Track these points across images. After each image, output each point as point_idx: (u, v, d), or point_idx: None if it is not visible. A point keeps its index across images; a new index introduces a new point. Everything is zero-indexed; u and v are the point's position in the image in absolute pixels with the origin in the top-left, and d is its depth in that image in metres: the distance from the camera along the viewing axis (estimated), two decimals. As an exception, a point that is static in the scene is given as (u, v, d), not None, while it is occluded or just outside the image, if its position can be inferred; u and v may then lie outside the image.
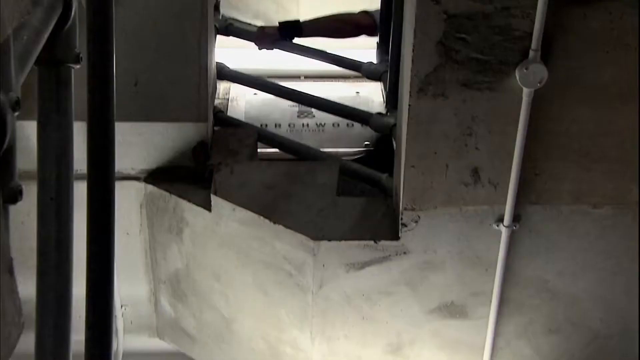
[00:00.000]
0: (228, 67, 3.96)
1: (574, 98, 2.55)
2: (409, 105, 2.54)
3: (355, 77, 4.54)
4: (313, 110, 4.20)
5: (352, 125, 4.12)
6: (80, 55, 1.51)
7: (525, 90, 2.49)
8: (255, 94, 4.33)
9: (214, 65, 3.59)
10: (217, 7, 4.13)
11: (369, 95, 4.54)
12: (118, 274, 2.32)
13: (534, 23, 2.41)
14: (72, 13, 1.44)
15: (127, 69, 2.88)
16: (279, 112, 4.27)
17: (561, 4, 2.40)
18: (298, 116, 4.25)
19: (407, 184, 2.67)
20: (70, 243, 1.63)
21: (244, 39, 4.34)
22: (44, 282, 1.57)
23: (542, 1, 2.37)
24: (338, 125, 4.17)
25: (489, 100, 2.53)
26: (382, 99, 4.26)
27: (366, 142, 4.03)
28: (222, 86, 4.27)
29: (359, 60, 4.13)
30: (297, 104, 4.18)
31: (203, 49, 3.10)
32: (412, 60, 2.47)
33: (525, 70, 2.46)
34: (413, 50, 2.46)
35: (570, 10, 2.42)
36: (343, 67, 4.15)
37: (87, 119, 2.08)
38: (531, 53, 2.44)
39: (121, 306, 3.59)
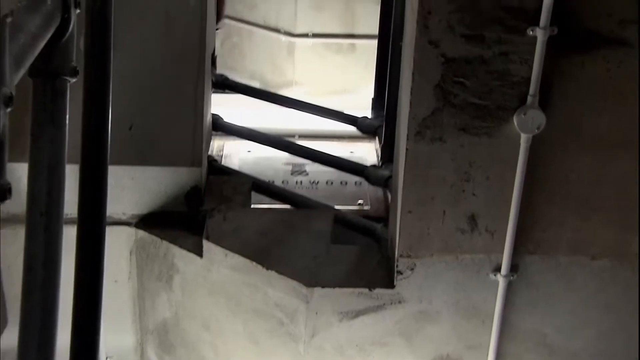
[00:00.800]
0: (223, 119, 3.95)
1: (573, 145, 2.53)
2: (407, 149, 2.52)
3: (349, 137, 4.55)
4: (306, 168, 4.20)
5: (346, 183, 4.10)
6: (77, 68, 1.49)
7: (523, 136, 2.47)
8: (249, 151, 4.32)
9: (209, 114, 3.58)
10: (214, 62, 4.15)
11: (363, 155, 4.53)
12: (104, 323, 2.25)
13: (532, 69, 2.41)
14: (71, 25, 1.42)
15: (122, 112, 2.86)
16: (272, 169, 4.25)
17: (559, 51, 2.40)
18: (291, 173, 4.23)
19: (403, 230, 2.63)
20: (59, 260, 1.58)
21: (239, 92, 4.36)
22: (29, 300, 1.50)
23: (540, 47, 2.38)
24: (331, 183, 4.14)
25: (487, 146, 2.51)
26: (375, 159, 4.26)
27: (359, 201, 4.00)
28: (216, 143, 4.26)
29: (354, 115, 4.14)
30: (290, 163, 4.18)
31: (199, 94, 3.09)
32: (410, 104, 2.46)
33: (523, 116, 2.45)
34: (411, 93, 2.45)
35: (568, 57, 2.42)
36: (339, 120, 4.15)
37: (79, 162, 2.06)
38: (529, 99, 2.44)
39: (106, 358, 3.48)
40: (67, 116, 1.47)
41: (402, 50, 2.75)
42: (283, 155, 4.17)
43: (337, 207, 3.93)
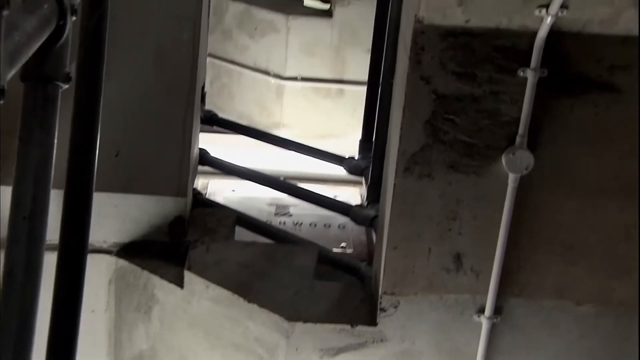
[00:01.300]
0: (209, 154, 3.94)
1: (560, 188, 2.54)
2: (395, 184, 2.51)
3: (334, 180, 4.55)
4: (290, 209, 4.19)
5: (329, 226, 4.09)
6: (70, 74, 1.48)
7: (511, 176, 2.48)
8: (233, 190, 4.31)
9: (197, 146, 3.57)
10: (203, 98, 4.16)
11: (347, 198, 4.52)
12: (79, 354, 2.21)
13: (521, 110, 2.42)
14: (66, 32, 1.42)
15: (109, 139, 2.83)
16: (255, 209, 4.23)
17: (549, 93, 2.42)
18: (275, 214, 4.21)
19: (388, 266, 2.60)
20: (40, 266, 1.54)
21: (227, 129, 4.36)
22: (7, 305, 1.46)
23: (530, 89, 2.40)
24: (315, 225, 4.13)
25: (475, 185, 2.51)
26: (360, 202, 4.25)
27: (342, 244, 3.98)
28: (201, 181, 4.24)
29: (341, 155, 4.15)
30: (274, 203, 4.16)
31: (188, 125, 3.09)
32: (400, 139, 2.46)
33: (511, 156, 2.45)
34: (401, 128, 2.45)
35: (557, 99, 2.44)
36: (326, 160, 4.15)
37: (65, 186, 2.03)
38: (518, 139, 2.45)
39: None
40: (57, 122, 1.45)
41: (393, 87, 2.77)
42: (267, 195, 4.17)
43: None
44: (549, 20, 2.28)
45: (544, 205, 2.55)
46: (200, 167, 3.90)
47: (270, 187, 3.93)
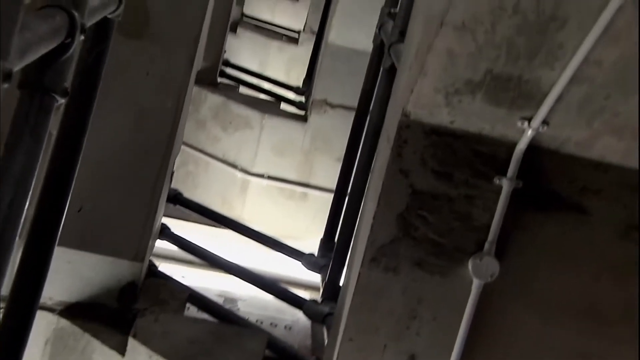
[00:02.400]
0: (170, 229, 3.89)
1: (522, 301, 2.53)
2: (359, 274, 2.49)
3: (287, 282, 4.53)
4: (239, 303, 4.13)
5: (275, 325, 4.03)
6: (68, 89, 1.46)
7: (476, 282, 2.47)
8: (183, 276, 4.25)
9: (161, 214, 3.52)
10: (171, 177, 4.15)
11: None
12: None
13: (493, 217, 2.45)
14: (72, 47, 1.41)
15: (75, 193, 2.78)
16: (204, 299, 4.16)
17: (522, 204, 2.46)
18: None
19: (341, 357, 2.54)
20: (4, 274, 1.46)
21: (191, 209, 4.33)
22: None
23: (504, 198, 2.43)
24: (261, 322, 4.07)
25: (439, 285, 2.49)
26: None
27: (287, 344, 3.90)
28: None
29: (300, 250, 4.13)
30: (223, 295, 4.11)
31: (157, 191, 3.06)
32: (371, 228, 2.46)
33: (478, 262, 2.46)
34: (373, 217, 2.45)
35: (529, 213, 2.48)
36: (285, 253, 4.13)
37: (25, 237, 1.97)
38: (486, 245, 2.46)
39: None
40: (46, 135, 1.43)
41: (369, 177, 2.79)
42: (216, 287, 4.12)
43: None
44: (529, 133, 2.35)
45: (505, 316, 2.54)
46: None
47: (227, 270, 3.87)
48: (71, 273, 2.99)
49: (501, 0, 2.05)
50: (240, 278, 3.85)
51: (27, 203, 1.41)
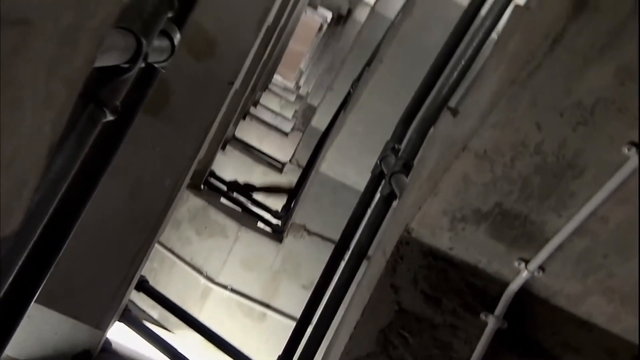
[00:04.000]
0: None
1: None
2: (329, 383, 2.42)
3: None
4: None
5: None
6: (119, 109, 1.45)
7: (445, 417, 2.41)
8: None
9: (128, 296, 3.42)
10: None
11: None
12: None
13: (473, 352, 2.42)
14: (133, 71, 1.42)
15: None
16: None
17: (504, 346, 2.44)
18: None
19: None
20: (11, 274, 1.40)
21: (155, 300, 4.23)
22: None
23: (488, 335, 2.41)
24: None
25: (406, 413, 2.42)
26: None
27: None
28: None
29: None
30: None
31: (136, 263, 3.00)
32: (350, 337, 2.41)
33: (451, 395, 2.40)
34: (354, 327, 2.41)
35: (509, 355, 2.45)
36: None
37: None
38: (462, 381, 2.42)
39: None
40: (88, 146, 1.41)
41: (355, 290, 2.76)
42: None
43: None
44: (524, 274, 2.36)
45: None
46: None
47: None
48: (28, 328, 2.85)
49: (525, 137, 2.12)
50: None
51: (52, 208, 1.38)
